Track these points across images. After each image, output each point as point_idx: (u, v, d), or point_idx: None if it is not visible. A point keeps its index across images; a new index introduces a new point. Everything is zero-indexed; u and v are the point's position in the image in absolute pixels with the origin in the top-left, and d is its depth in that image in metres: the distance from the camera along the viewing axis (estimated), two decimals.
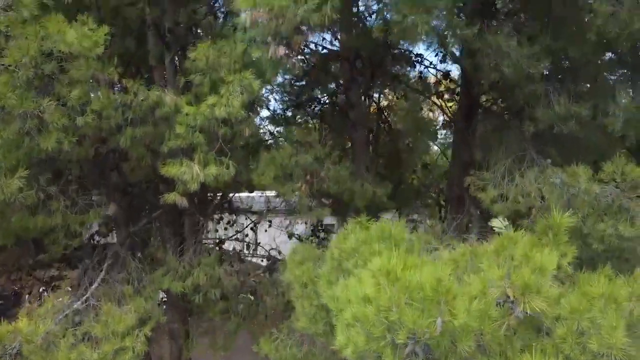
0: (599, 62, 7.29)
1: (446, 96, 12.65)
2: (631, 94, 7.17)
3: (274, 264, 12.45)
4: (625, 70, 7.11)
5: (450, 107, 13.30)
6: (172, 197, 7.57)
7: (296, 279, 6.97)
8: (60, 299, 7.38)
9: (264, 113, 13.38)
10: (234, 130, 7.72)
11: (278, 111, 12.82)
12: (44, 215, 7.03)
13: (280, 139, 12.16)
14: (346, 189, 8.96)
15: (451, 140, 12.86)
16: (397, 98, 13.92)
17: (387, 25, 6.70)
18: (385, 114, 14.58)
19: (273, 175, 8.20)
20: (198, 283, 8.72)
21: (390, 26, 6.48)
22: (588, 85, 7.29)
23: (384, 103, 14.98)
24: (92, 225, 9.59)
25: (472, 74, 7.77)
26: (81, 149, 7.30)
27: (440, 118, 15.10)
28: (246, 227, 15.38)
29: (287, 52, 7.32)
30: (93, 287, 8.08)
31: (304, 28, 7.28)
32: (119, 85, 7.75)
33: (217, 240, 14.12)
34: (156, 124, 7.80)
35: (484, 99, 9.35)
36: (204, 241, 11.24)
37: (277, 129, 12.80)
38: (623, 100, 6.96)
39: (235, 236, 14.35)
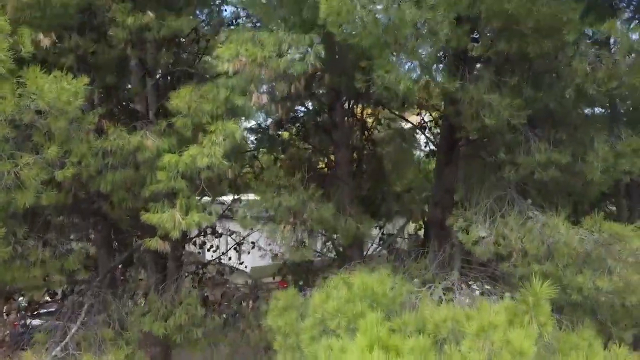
0: (579, 112, 7.39)
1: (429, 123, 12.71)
2: (610, 141, 7.28)
3: (254, 288, 12.42)
4: (602, 125, 7.22)
5: (434, 133, 13.38)
6: (153, 243, 7.49)
7: (278, 329, 6.95)
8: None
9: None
10: (217, 173, 7.67)
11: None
12: (22, 266, 6.90)
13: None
14: (330, 227, 8.97)
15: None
16: (380, 124, 13.95)
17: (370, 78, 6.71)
18: (368, 132, 14.58)
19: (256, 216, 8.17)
20: (180, 323, 8.65)
21: (373, 79, 6.50)
22: (568, 133, 7.38)
23: (367, 120, 15.00)
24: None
25: (453, 119, 7.82)
26: (60, 196, 7.17)
27: (424, 138, 15.18)
28: (229, 248, 15.31)
29: (269, 99, 7.31)
30: (72, 331, 7.95)
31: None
32: (99, 131, 7.64)
33: (201, 265, 14.04)
34: (137, 167, 7.71)
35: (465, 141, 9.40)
36: (187, 266, 11.15)
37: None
38: (601, 151, 7.07)
39: (218, 258, 14.25)
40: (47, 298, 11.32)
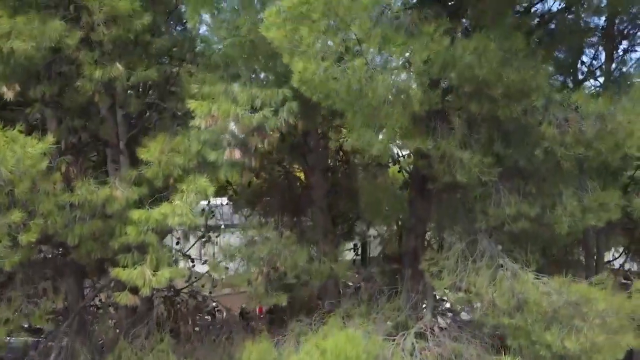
0: (547, 168, 7.52)
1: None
2: (578, 193, 7.45)
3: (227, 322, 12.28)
4: (570, 177, 7.37)
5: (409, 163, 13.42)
6: (123, 298, 7.35)
7: None
8: None
9: None
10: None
11: None
12: None
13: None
14: (304, 272, 8.93)
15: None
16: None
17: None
18: (343, 154, 14.53)
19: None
20: None
21: (346, 139, 6.51)
22: (537, 185, 7.52)
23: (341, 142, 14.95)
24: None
25: (424, 171, 7.88)
26: (23, 252, 6.94)
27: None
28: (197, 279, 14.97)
29: (243, 154, 7.23)
30: None
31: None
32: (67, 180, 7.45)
33: (172, 291, 13.79)
34: (106, 218, 7.54)
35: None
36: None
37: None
38: (569, 206, 7.23)
39: (189, 287, 14.01)
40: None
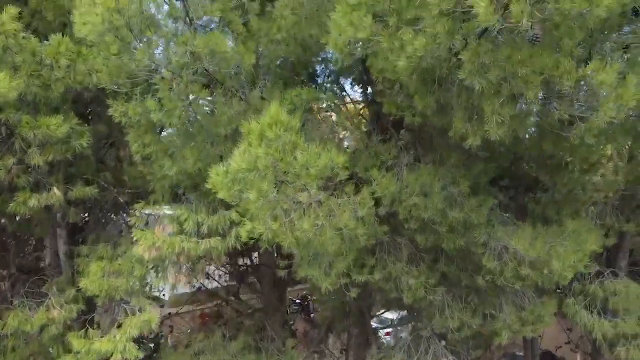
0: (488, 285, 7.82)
1: None
2: (518, 303, 7.81)
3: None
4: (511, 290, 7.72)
5: None
6: None
7: None
8: None
9: None
10: None
11: None
12: None
13: None
14: None
15: None
16: None
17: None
18: None
19: None
20: None
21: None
22: (479, 297, 7.81)
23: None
24: None
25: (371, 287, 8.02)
26: None
27: None
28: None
29: (189, 278, 7.07)
30: None
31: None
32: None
33: None
34: (43, 342, 7.17)
35: None
36: None
37: None
38: (508, 319, 7.56)
39: None
40: None
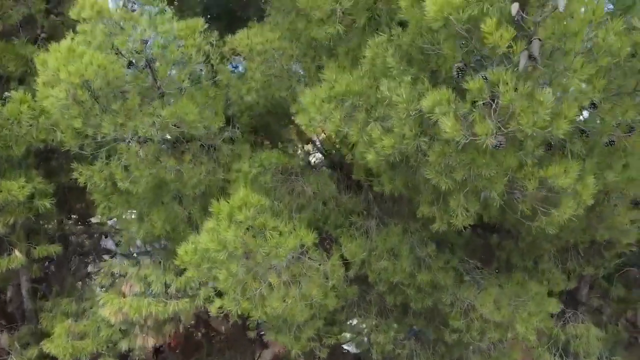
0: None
1: None
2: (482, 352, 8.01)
3: None
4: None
5: None
6: None
7: None
8: None
9: None
10: None
11: None
12: None
13: None
14: None
15: None
16: None
17: None
18: None
19: None
20: None
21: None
22: (446, 347, 7.98)
23: None
24: None
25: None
26: None
27: None
28: None
29: (157, 339, 6.98)
30: None
31: None
32: None
33: None
34: None
35: None
36: None
37: None
38: None
39: None
40: None
